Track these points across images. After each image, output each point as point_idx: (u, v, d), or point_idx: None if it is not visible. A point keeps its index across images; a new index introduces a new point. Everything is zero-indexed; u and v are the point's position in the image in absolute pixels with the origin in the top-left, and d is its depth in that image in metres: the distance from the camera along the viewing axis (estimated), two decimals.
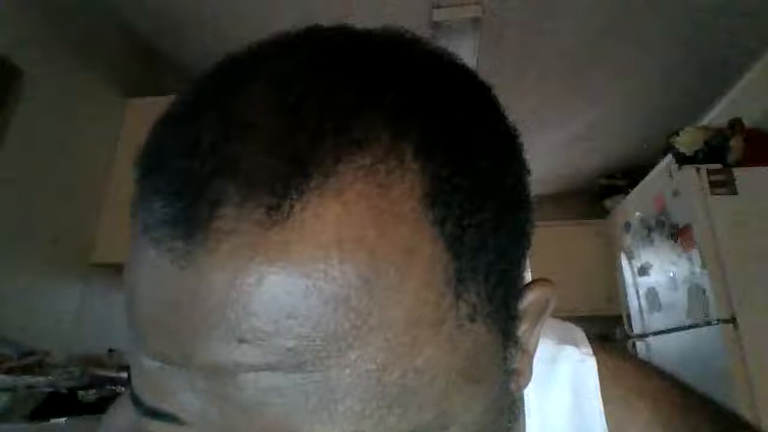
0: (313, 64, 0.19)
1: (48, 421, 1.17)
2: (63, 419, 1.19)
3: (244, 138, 0.16)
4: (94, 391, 1.35)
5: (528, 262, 0.23)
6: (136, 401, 0.18)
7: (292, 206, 0.15)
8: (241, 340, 0.15)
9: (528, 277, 0.23)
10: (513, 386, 0.22)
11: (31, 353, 1.37)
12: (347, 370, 0.15)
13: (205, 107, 0.18)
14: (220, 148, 0.16)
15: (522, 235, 0.21)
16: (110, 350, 1.78)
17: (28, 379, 1.24)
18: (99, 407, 1.27)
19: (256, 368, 0.15)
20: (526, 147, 0.23)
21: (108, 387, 1.42)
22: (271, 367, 0.15)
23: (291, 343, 0.15)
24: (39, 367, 1.35)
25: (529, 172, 0.23)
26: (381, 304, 0.15)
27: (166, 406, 0.17)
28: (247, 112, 0.17)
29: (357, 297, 0.15)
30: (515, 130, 0.23)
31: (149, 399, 0.18)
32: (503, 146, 0.22)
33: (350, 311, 0.15)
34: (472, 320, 0.18)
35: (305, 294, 0.15)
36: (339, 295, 0.15)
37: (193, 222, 0.16)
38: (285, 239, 0.15)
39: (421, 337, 0.16)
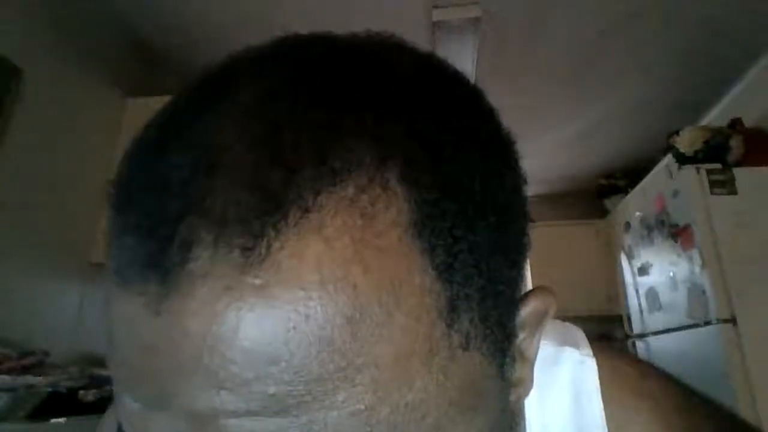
0: (288, 86, 0.18)
1: (48, 421, 1.17)
2: (63, 419, 1.18)
3: (216, 172, 0.15)
4: (94, 391, 1.34)
5: (527, 264, 0.22)
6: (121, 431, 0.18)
7: (268, 246, 0.14)
8: (220, 388, 0.14)
9: (528, 281, 0.22)
10: (513, 397, 0.21)
11: (31, 353, 1.37)
12: (334, 413, 0.14)
13: (175, 138, 0.17)
14: (190, 183, 0.15)
15: (518, 250, 0.21)
16: None
17: (28, 379, 1.24)
18: (99, 407, 1.27)
19: (237, 415, 0.15)
20: (526, 147, 0.22)
21: (108, 387, 1.42)
22: (253, 413, 0.14)
23: (273, 390, 0.14)
24: (39, 367, 1.35)
25: (525, 181, 0.22)
26: (367, 343, 0.15)
27: None
28: (218, 143, 0.16)
29: (341, 338, 0.14)
30: (510, 137, 0.22)
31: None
32: (496, 159, 0.20)
33: (334, 353, 0.14)
34: (465, 348, 0.17)
35: (286, 339, 0.14)
36: (322, 338, 0.14)
37: (166, 265, 0.15)
38: (262, 282, 0.14)
39: (411, 373, 0.15)
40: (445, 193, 0.17)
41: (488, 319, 0.18)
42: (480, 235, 0.18)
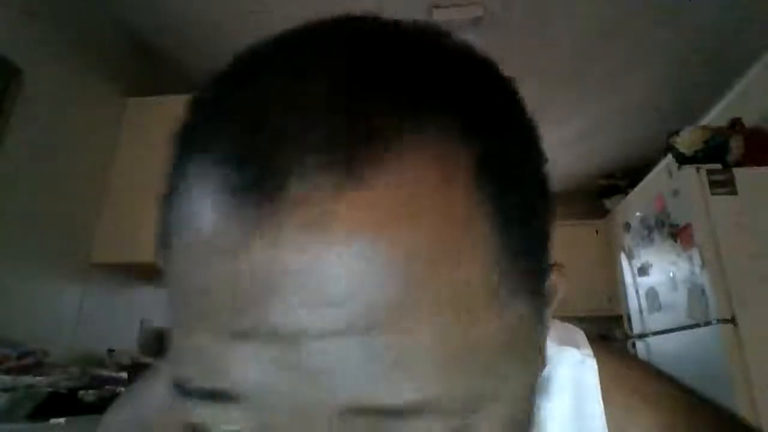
0: (359, 50, 0.19)
1: (48, 421, 1.17)
2: (63, 419, 1.19)
3: (309, 112, 0.17)
4: (94, 391, 1.35)
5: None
6: (180, 386, 0.18)
7: (360, 177, 0.16)
8: (311, 308, 0.15)
9: None
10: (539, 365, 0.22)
11: (31, 353, 1.37)
12: (406, 340, 0.15)
13: (261, 81, 0.18)
14: (284, 120, 0.17)
15: (550, 222, 0.22)
16: (110, 350, 1.78)
17: (28, 379, 1.24)
18: (99, 407, 1.27)
19: (325, 334, 0.15)
20: None
21: (108, 387, 1.42)
22: (340, 333, 0.15)
23: (361, 310, 0.15)
24: (39, 367, 1.35)
25: (547, 160, 0.24)
26: (440, 277, 0.16)
27: (219, 384, 0.17)
28: (306, 90, 0.17)
29: (418, 269, 0.16)
30: (534, 120, 0.24)
31: (199, 379, 0.17)
32: (532, 135, 0.22)
33: (410, 282, 0.15)
34: (515, 297, 0.18)
35: (371, 264, 0.15)
36: (402, 267, 0.15)
37: (264, 191, 0.16)
38: (355, 209, 0.15)
39: (477, 308, 0.17)
40: (498, 153, 0.19)
41: (531, 275, 0.20)
42: (529, 194, 0.20)
